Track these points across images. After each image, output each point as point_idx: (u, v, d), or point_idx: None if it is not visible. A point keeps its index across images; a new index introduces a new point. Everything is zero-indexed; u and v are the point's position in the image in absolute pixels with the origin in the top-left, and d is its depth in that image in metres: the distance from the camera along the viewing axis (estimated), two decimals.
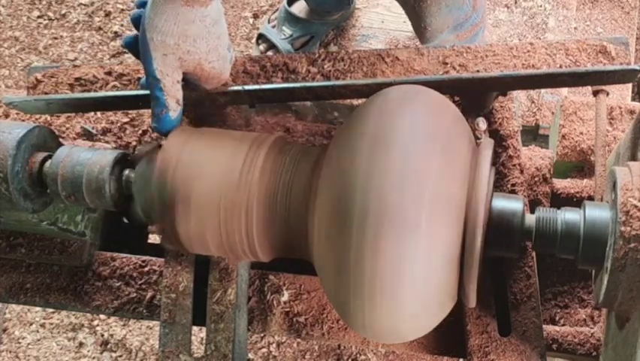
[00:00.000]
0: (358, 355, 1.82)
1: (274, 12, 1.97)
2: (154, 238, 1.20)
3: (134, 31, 0.87)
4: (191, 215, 0.80)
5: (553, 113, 1.69)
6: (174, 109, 0.85)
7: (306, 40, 1.92)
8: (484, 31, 1.74)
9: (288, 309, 1.02)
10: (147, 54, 0.83)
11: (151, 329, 1.91)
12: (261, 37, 1.95)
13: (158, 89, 0.84)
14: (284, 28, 1.90)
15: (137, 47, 0.85)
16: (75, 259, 1.03)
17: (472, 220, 0.71)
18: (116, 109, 1.05)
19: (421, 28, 1.46)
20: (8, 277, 1.07)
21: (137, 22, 0.86)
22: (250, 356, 1.83)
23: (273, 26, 1.93)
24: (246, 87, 0.94)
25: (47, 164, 0.85)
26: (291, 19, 1.89)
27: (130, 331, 1.91)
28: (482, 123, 0.96)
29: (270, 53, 1.91)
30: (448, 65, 0.97)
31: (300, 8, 1.90)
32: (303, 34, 1.91)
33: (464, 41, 1.68)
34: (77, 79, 1.04)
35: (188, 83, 0.89)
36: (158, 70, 0.83)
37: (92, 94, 1.00)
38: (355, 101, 1.02)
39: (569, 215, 0.76)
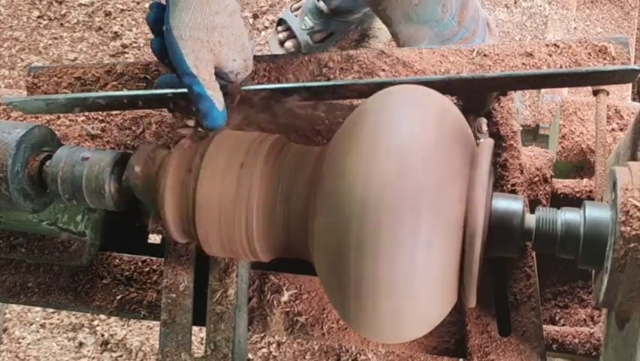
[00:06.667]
0: (358, 355, 1.81)
1: (297, 1, 1.97)
2: (154, 238, 1.20)
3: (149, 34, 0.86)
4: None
5: (553, 113, 1.69)
6: (220, 102, 0.83)
7: (325, 35, 1.93)
8: (487, 37, 1.72)
9: (288, 309, 1.02)
10: (178, 53, 0.81)
11: (151, 329, 1.90)
12: (282, 23, 1.95)
13: (198, 86, 0.81)
14: (306, 18, 1.91)
15: (163, 49, 0.83)
16: (75, 259, 1.03)
17: (472, 221, 0.71)
18: (116, 109, 1.05)
19: (394, 36, 1.45)
20: (8, 277, 1.07)
21: (156, 25, 0.84)
22: (250, 356, 1.83)
23: (295, 15, 1.93)
24: (246, 87, 0.94)
25: (47, 164, 0.85)
26: (315, 11, 1.90)
27: (130, 331, 1.91)
28: (482, 123, 0.96)
29: (288, 43, 1.91)
30: (448, 65, 0.97)
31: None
32: (323, 29, 1.92)
33: None
34: (77, 78, 1.04)
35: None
36: (193, 65, 0.81)
37: (92, 94, 1.00)
38: (355, 101, 1.02)
39: (569, 215, 0.76)
